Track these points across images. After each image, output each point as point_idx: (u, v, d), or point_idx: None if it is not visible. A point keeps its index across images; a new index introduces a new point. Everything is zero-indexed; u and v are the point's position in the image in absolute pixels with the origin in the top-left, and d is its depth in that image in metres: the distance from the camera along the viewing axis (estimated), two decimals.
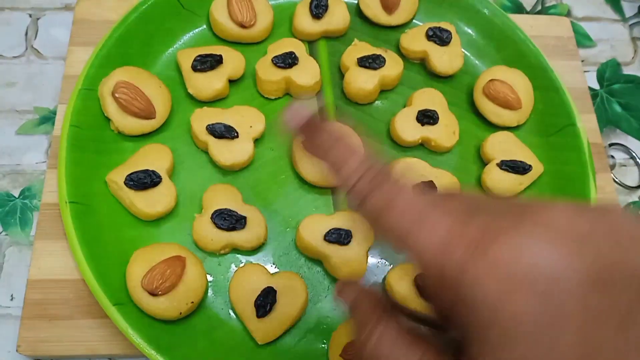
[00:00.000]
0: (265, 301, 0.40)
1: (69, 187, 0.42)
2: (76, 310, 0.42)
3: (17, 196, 0.47)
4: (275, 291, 0.41)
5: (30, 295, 0.42)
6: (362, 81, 0.50)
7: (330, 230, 0.43)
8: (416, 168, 0.47)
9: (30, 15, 0.55)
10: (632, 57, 0.62)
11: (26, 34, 0.54)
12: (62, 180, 0.42)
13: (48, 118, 0.50)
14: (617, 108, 0.58)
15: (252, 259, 0.44)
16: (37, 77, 0.52)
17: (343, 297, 0.27)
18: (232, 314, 0.42)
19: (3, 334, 0.42)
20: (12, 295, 0.44)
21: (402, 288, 0.43)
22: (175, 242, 0.43)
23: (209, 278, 0.43)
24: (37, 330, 0.41)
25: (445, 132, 0.49)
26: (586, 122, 0.53)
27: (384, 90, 0.52)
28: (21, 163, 0.48)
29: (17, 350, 0.40)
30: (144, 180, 0.43)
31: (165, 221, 0.44)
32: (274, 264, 0.44)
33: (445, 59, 0.52)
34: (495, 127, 0.51)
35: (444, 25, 0.53)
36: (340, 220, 0.44)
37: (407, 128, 0.49)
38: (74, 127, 0.44)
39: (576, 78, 0.57)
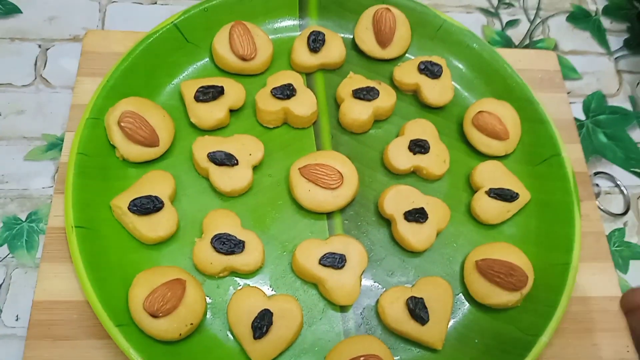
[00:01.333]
0: (262, 323, 0.42)
1: (75, 212, 0.44)
2: (80, 330, 0.43)
3: (24, 220, 0.49)
4: (271, 313, 0.42)
5: (35, 316, 0.43)
6: (356, 112, 0.52)
7: (325, 254, 0.45)
8: (408, 195, 0.49)
9: (39, 46, 0.57)
10: (617, 89, 0.64)
11: (35, 63, 0.56)
12: (69, 206, 0.44)
13: (55, 145, 0.52)
14: (603, 138, 0.61)
15: (249, 281, 0.46)
16: (46, 106, 0.54)
17: None
18: (229, 335, 0.44)
19: (8, 354, 0.44)
20: (17, 316, 0.45)
21: (394, 311, 0.44)
22: (176, 265, 0.45)
23: (208, 300, 0.45)
24: (41, 350, 0.42)
25: (436, 161, 0.51)
26: (572, 152, 0.55)
27: (377, 120, 0.54)
28: (28, 188, 0.50)
29: None
30: (147, 206, 0.45)
31: (166, 245, 0.46)
32: (270, 286, 0.46)
33: (436, 91, 0.54)
34: (484, 157, 0.53)
35: (435, 59, 0.55)
36: (334, 245, 0.46)
37: (400, 156, 0.51)
38: (81, 154, 0.46)
39: (562, 109, 0.59)
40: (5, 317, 0.45)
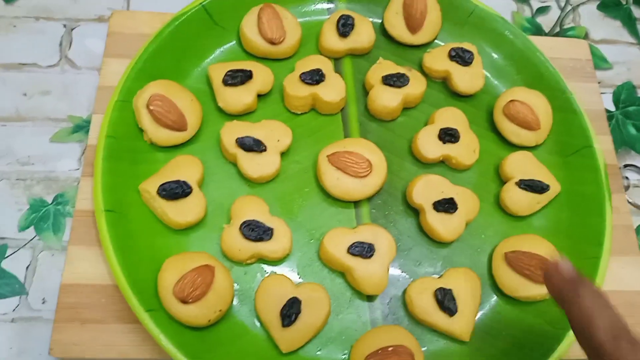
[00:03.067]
0: (291, 311, 0.42)
1: (105, 196, 0.44)
2: (108, 314, 0.43)
3: (50, 202, 0.49)
4: (300, 301, 0.42)
5: (63, 299, 0.43)
6: (386, 99, 0.51)
7: (353, 243, 0.45)
8: (437, 185, 0.48)
9: (64, 26, 0.56)
10: None
11: (60, 44, 0.55)
12: (98, 189, 0.44)
13: (81, 127, 0.51)
14: (632, 130, 0.60)
15: (277, 269, 0.46)
16: (71, 87, 0.53)
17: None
18: (256, 322, 0.43)
19: (35, 337, 0.44)
20: (43, 299, 0.45)
21: (422, 301, 0.44)
22: (204, 250, 0.44)
23: (235, 287, 0.44)
24: (69, 333, 0.42)
25: (466, 151, 0.50)
26: (602, 144, 0.54)
27: (406, 108, 0.53)
28: (55, 170, 0.50)
29: (49, 353, 0.42)
30: (176, 191, 0.44)
31: (194, 230, 0.46)
32: (298, 274, 0.46)
33: (466, 79, 0.53)
34: (514, 147, 0.52)
35: (466, 45, 0.54)
36: (363, 234, 0.46)
37: (429, 145, 0.50)
38: (110, 137, 0.46)
39: (593, 100, 0.58)
40: (31, 300, 0.45)
